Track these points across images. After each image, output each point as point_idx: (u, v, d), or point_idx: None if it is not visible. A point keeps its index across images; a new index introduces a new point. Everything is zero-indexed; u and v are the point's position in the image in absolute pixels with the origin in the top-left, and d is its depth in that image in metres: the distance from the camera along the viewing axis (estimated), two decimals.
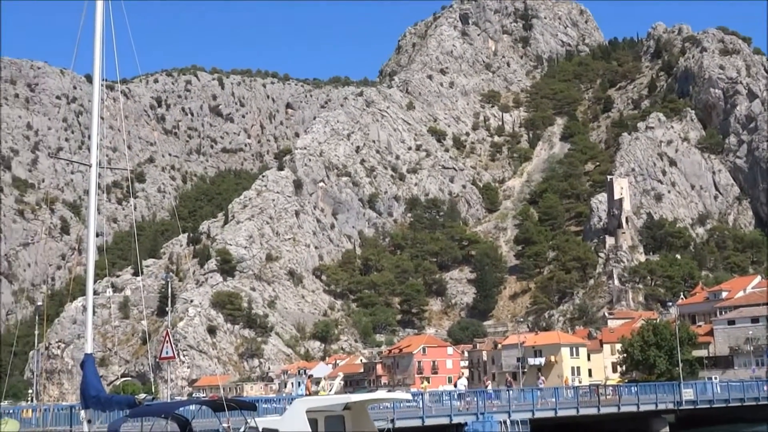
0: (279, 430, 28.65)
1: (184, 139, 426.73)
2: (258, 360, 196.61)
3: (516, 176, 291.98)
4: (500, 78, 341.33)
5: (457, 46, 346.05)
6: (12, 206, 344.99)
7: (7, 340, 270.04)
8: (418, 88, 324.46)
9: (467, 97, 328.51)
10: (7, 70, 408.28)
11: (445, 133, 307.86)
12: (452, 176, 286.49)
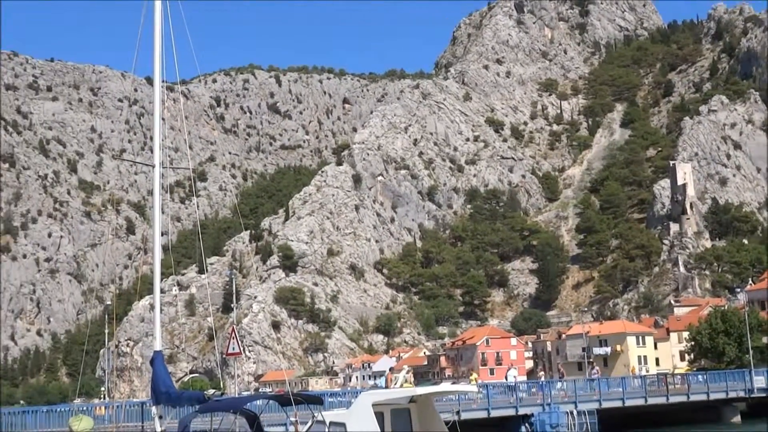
0: (346, 423, 28.80)
1: (244, 137, 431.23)
2: (322, 354, 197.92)
3: (576, 164, 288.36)
4: (557, 66, 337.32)
5: (512, 35, 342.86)
6: (79, 208, 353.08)
7: (78, 339, 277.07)
8: (475, 79, 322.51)
9: (524, 86, 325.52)
10: (70, 75, 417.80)
11: (503, 123, 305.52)
12: (511, 166, 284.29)
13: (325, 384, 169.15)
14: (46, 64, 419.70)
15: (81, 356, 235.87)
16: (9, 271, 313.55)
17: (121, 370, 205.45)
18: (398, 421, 29.62)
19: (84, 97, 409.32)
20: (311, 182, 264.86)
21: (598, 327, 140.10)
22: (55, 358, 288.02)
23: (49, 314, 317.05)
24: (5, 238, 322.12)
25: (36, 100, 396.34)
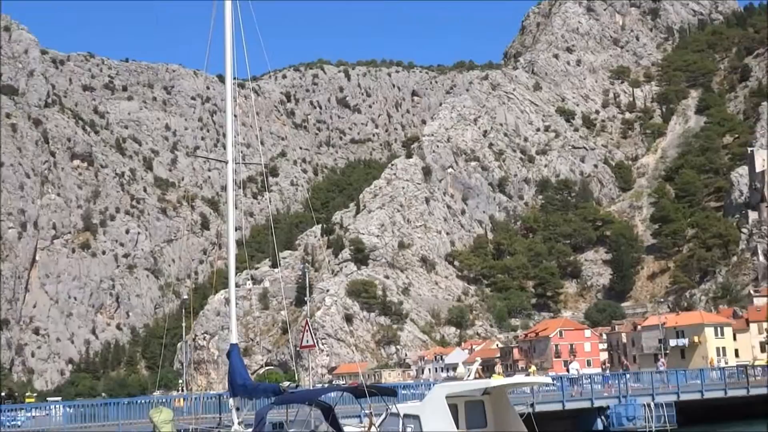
0: (420, 416, 28.84)
1: (314, 132, 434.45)
2: (394, 347, 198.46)
3: (650, 153, 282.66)
4: (629, 53, 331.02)
5: (582, 23, 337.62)
6: (155, 205, 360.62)
7: (156, 333, 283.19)
8: (545, 68, 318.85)
9: (595, 74, 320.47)
10: (144, 74, 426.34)
11: (574, 113, 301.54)
12: (583, 156, 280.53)
13: (397, 376, 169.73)
14: (121, 65, 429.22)
15: (159, 350, 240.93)
16: (89, 267, 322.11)
17: (197, 363, 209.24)
18: (472, 413, 29.56)
19: (158, 96, 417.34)
20: (381, 175, 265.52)
21: (675, 318, 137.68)
22: (135, 352, 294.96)
23: (128, 309, 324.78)
24: (85, 234, 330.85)
25: (112, 100, 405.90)
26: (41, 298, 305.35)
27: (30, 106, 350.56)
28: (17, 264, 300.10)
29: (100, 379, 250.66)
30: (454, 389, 29.64)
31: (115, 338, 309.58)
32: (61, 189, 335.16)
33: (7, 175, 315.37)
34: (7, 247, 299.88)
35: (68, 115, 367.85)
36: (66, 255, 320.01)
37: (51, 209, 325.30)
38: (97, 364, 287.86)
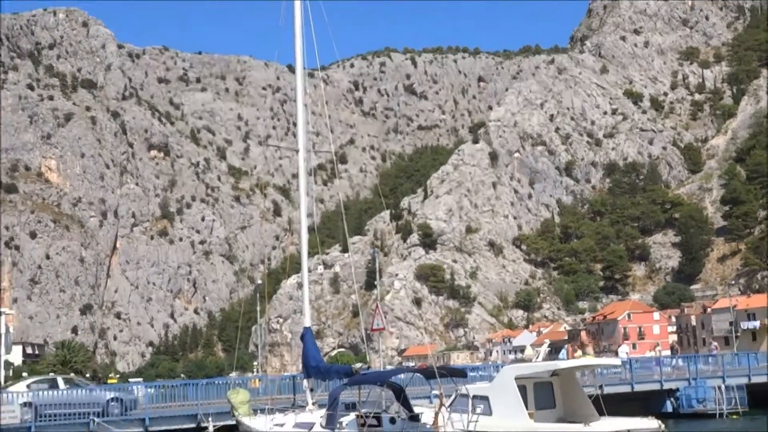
0: (489, 396, 28.85)
1: (381, 119, 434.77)
2: (463, 329, 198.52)
3: (720, 134, 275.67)
4: (699, 33, 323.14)
5: (650, 4, 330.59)
6: (229, 193, 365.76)
7: (231, 317, 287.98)
8: (611, 51, 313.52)
9: (664, 55, 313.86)
10: (217, 66, 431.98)
11: (642, 95, 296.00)
12: (651, 138, 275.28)
13: (465, 358, 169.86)
14: (195, 57, 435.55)
15: (235, 333, 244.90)
16: (167, 253, 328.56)
17: (272, 345, 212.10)
18: (541, 394, 29.47)
19: (230, 87, 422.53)
20: (448, 161, 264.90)
21: (746, 300, 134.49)
22: (211, 335, 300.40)
23: (205, 293, 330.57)
24: (163, 222, 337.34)
25: (186, 92, 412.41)
26: (122, 283, 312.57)
27: (108, 99, 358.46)
28: (99, 251, 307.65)
29: (178, 361, 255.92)
30: (523, 371, 29.58)
31: (192, 322, 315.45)
32: (139, 179, 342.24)
33: (87, 165, 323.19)
34: (89, 235, 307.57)
35: (145, 107, 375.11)
36: (145, 242, 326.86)
37: (130, 198, 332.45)
38: (176, 346, 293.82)
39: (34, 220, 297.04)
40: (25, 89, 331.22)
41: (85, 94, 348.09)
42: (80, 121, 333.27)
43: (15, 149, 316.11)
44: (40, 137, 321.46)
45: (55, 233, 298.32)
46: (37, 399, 36.43)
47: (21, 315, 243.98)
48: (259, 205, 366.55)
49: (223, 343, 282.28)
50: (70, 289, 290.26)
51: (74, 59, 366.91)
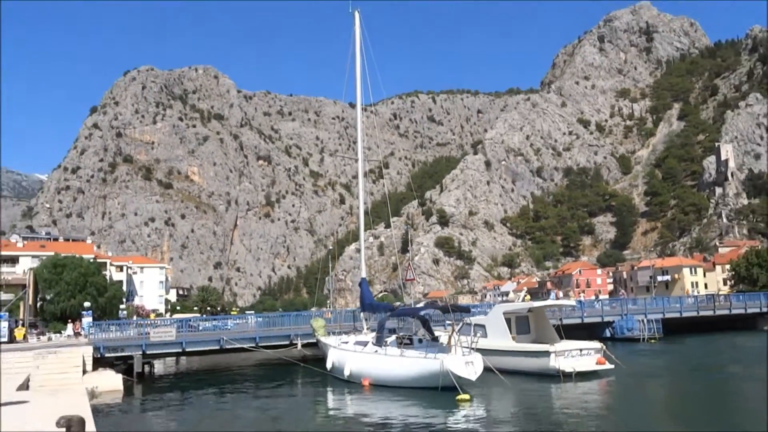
0: (485, 325, 28.75)
1: (412, 138, 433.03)
2: (466, 280, 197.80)
3: (644, 148, 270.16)
4: (630, 78, 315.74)
5: (596, 59, 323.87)
6: (310, 188, 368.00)
7: (312, 271, 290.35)
8: (569, 91, 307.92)
9: (605, 94, 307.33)
10: (302, 104, 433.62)
11: (590, 122, 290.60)
12: (596, 151, 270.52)
13: (468, 299, 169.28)
14: (287, 98, 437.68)
15: (315, 281, 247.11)
16: (270, 229, 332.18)
17: (339, 290, 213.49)
18: (520, 324, 29.35)
19: (311, 118, 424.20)
20: (457, 167, 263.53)
21: (661, 261, 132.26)
22: (299, 283, 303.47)
23: (294, 255, 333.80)
24: (266, 208, 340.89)
25: (282, 121, 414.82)
26: (240, 249, 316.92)
27: (231, 126, 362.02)
28: (225, 227, 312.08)
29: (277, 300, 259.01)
30: (508, 308, 29.43)
31: (286, 274, 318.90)
32: (251, 179, 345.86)
33: (217, 170, 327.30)
34: (218, 217, 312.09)
35: (255, 131, 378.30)
36: (255, 221, 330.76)
37: (245, 192, 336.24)
38: (276, 290, 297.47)
39: (183, 207, 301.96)
40: (177, 120, 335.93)
41: (216, 123, 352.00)
42: (213, 141, 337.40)
43: (171, 160, 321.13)
44: (187, 152, 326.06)
45: (197, 215, 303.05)
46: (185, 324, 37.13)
47: (175, 269, 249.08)
48: (330, 197, 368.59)
49: (306, 288, 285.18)
50: (207, 252, 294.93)
51: (209, 100, 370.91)
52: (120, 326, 38.80)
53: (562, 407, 19.84)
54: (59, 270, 63.27)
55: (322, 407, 22.30)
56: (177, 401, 24.84)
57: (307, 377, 29.62)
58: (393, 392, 23.13)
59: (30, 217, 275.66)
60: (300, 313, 48.26)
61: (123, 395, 25.62)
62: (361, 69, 33.34)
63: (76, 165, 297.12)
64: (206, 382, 30.75)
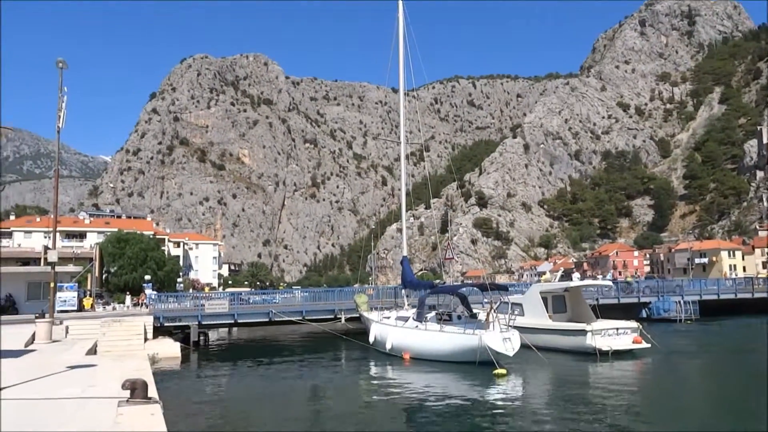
0: (522, 303, 28.48)
1: (452, 122, 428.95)
2: (504, 260, 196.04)
3: (683, 131, 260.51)
4: (670, 62, 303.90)
5: (637, 43, 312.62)
6: (353, 170, 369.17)
7: (355, 249, 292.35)
8: (609, 76, 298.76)
9: (645, 78, 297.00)
10: (347, 89, 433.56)
11: (629, 105, 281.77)
12: (635, 134, 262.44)
13: (505, 278, 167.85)
14: (333, 83, 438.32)
15: (357, 259, 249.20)
16: (315, 208, 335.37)
17: (380, 267, 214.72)
18: (557, 303, 28.93)
19: (355, 102, 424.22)
20: (496, 150, 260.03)
21: (699, 244, 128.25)
22: (343, 260, 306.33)
23: (338, 234, 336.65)
24: (312, 189, 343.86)
25: (328, 106, 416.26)
26: (288, 227, 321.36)
27: (279, 111, 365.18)
28: (274, 207, 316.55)
29: (322, 276, 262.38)
30: (545, 287, 29.00)
31: (331, 252, 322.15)
32: (298, 161, 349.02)
33: (267, 153, 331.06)
34: (268, 197, 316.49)
35: (302, 116, 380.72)
36: (301, 201, 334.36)
37: (293, 173, 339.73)
38: (320, 267, 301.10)
39: (235, 187, 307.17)
40: (229, 105, 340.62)
41: (265, 108, 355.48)
42: (262, 125, 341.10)
43: (223, 142, 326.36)
44: (238, 135, 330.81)
45: (248, 195, 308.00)
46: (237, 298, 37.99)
47: (227, 245, 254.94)
48: (372, 179, 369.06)
49: (349, 265, 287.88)
50: (257, 230, 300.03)
51: (258, 86, 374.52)
52: (177, 298, 39.95)
53: (598, 384, 19.55)
54: (122, 245, 65.46)
55: (364, 377, 22.56)
56: (229, 368, 25.52)
57: (350, 349, 29.96)
58: (432, 365, 23.20)
59: (95, 195, 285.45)
60: (343, 288, 48.73)
61: (180, 362, 26.45)
62: (403, 55, 33.05)
63: (136, 147, 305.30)
64: (256, 352, 31.46)
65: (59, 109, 24.47)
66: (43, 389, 10.31)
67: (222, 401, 18.04)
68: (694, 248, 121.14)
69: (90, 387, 10.43)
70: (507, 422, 14.26)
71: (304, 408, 16.98)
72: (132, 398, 8.86)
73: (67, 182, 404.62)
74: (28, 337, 20.87)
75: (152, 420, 7.74)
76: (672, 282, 53.03)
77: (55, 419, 7.97)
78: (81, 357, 16.06)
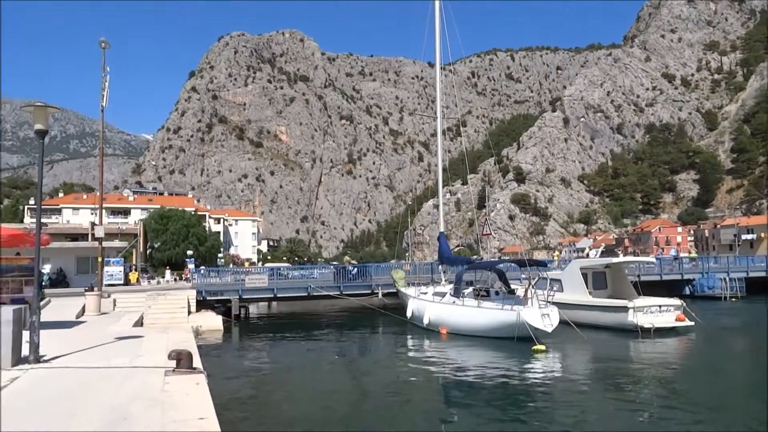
0: (561, 279, 28.12)
1: (490, 96, 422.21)
2: (542, 236, 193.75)
3: (732, 103, 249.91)
4: (719, 30, 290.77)
5: (684, 11, 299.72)
6: (390, 146, 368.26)
7: (391, 225, 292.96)
8: (653, 46, 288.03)
9: (692, 47, 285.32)
10: (383, 64, 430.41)
11: (675, 76, 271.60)
12: (680, 107, 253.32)
13: (543, 255, 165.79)
14: (368, 59, 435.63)
15: (394, 235, 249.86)
16: (352, 185, 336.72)
17: (416, 243, 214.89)
18: (597, 279, 28.48)
19: (391, 78, 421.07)
20: (534, 124, 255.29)
21: (747, 220, 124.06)
22: (379, 236, 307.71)
23: (375, 210, 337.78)
24: (349, 165, 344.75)
25: (363, 81, 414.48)
26: (325, 204, 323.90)
27: (316, 88, 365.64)
28: (311, 183, 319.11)
29: (359, 252, 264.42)
30: (585, 263, 28.55)
31: (367, 228, 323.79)
32: (334, 137, 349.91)
33: (303, 129, 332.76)
34: (305, 173, 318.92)
35: (338, 92, 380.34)
36: (338, 178, 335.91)
37: (329, 150, 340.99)
38: (357, 243, 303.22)
39: (273, 164, 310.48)
40: (266, 82, 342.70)
41: (302, 84, 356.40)
42: (299, 102, 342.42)
43: (261, 120, 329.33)
44: (275, 112, 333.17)
45: (285, 172, 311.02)
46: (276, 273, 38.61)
47: (266, 222, 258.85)
48: (409, 154, 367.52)
49: (386, 241, 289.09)
50: (294, 206, 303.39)
51: (295, 63, 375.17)
52: (219, 273, 40.86)
53: (639, 361, 19.26)
54: (165, 221, 67.12)
55: (402, 350, 22.76)
56: (270, 341, 26.08)
57: (388, 324, 30.20)
58: (469, 340, 23.22)
59: (138, 173, 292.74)
60: (380, 265, 49.02)
61: (222, 334, 27.15)
62: (440, 29, 32.50)
63: (177, 126, 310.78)
64: (295, 325, 32.03)
65: (102, 89, 25.02)
66: (95, 358, 10.73)
67: (263, 372, 18.48)
68: (740, 224, 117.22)
69: (138, 357, 10.80)
70: (546, 398, 14.20)
71: (343, 380, 17.25)
72: (178, 368, 9.13)
73: (111, 160, 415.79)
74: (79, 309, 21.70)
75: (197, 389, 7.97)
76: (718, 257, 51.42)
77: (108, 386, 8.29)
78: (129, 328, 16.63)
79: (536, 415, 12.55)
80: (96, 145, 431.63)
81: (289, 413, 13.11)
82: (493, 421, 12.10)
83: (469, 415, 12.59)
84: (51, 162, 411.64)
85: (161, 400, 7.36)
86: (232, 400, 13.97)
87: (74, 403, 7.37)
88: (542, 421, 12.11)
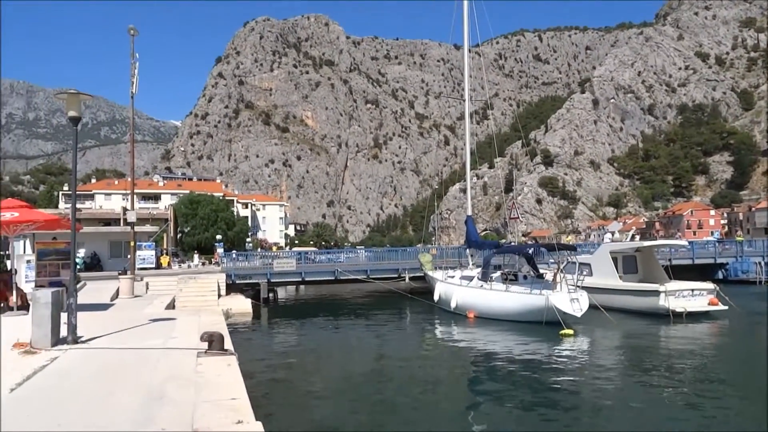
0: (591, 264, 27.79)
1: (517, 78, 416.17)
2: (570, 220, 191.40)
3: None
4: (756, 6, 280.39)
5: None
6: (416, 130, 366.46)
7: (418, 209, 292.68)
8: (687, 23, 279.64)
9: (728, 24, 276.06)
10: (408, 47, 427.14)
11: (709, 55, 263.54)
12: (714, 86, 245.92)
13: (572, 239, 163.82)
14: (394, 42, 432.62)
15: (421, 219, 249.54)
16: (378, 169, 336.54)
17: (443, 227, 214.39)
18: (627, 263, 28.08)
19: (416, 61, 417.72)
20: (563, 106, 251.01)
21: None
22: (406, 220, 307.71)
23: (401, 194, 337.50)
24: (374, 150, 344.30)
25: (389, 65, 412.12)
26: (351, 188, 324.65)
27: (341, 72, 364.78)
28: (337, 168, 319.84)
29: (385, 236, 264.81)
30: (616, 247, 28.16)
31: (394, 212, 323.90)
32: (360, 122, 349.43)
33: (329, 114, 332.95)
34: (331, 158, 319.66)
35: (363, 76, 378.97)
36: (364, 162, 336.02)
37: (355, 134, 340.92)
38: (383, 227, 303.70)
39: (299, 149, 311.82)
40: (291, 67, 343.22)
41: (327, 69, 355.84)
42: (325, 87, 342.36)
43: (287, 105, 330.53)
44: (301, 97, 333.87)
45: (311, 156, 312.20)
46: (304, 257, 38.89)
47: (293, 206, 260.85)
48: (435, 138, 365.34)
49: (412, 225, 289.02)
50: (321, 191, 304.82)
51: (320, 47, 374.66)
52: (247, 257, 41.38)
53: (671, 346, 18.97)
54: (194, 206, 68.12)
55: (430, 334, 22.82)
56: (298, 323, 26.40)
57: (415, 308, 30.28)
58: (497, 324, 23.16)
59: (168, 159, 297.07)
60: (407, 249, 49.03)
61: (252, 317, 27.57)
62: (467, 10, 32.07)
63: (204, 112, 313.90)
64: (322, 308, 32.34)
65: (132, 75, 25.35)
66: (130, 340, 11.00)
67: (292, 354, 18.74)
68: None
69: (171, 339, 11.03)
70: (575, 381, 14.11)
71: (371, 362, 17.39)
72: (210, 350, 9.31)
73: (141, 147, 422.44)
74: (113, 292, 22.25)
75: (229, 370, 8.12)
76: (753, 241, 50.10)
77: (143, 367, 8.51)
78: (161, 311, 16.99)
79: (563, 403, 12.48)
80: (126, 132, 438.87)
81: (318, 395, 13.29)
82: (519, 406, 12.09)
83: (495, 399, 12.60)
84: (83, 148, 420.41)
85: (194, 380, 7.53)
86: (263, 382, 14.21)
87: (112, 383, 7.59)
88: (569, 409, 12.04)
